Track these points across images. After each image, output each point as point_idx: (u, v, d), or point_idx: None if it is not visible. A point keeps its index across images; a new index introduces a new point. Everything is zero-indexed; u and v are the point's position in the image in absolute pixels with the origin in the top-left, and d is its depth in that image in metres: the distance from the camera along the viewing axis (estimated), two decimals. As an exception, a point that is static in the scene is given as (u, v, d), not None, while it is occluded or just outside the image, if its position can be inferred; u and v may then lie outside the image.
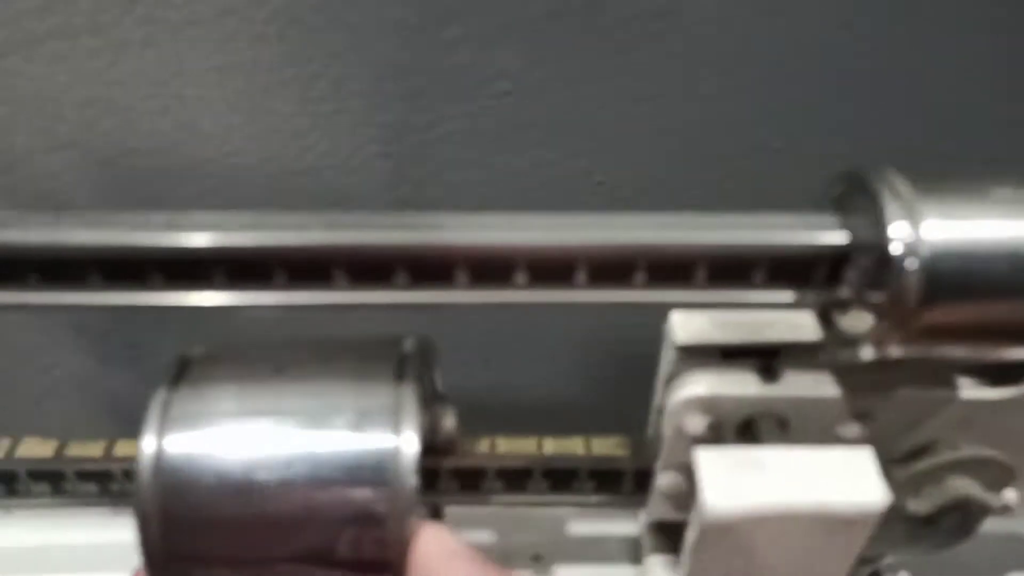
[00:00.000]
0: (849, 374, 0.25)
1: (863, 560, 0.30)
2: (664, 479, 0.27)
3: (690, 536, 0.24)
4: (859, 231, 0.21)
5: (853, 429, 0.25)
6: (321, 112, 0.35)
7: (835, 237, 0.21)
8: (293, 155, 0.36)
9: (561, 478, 0.28)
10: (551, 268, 0.21)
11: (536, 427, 0.28)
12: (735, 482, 0.23)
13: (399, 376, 0.23)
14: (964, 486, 0.25)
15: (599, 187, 0.35)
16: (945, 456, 0.25)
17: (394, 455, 0.21)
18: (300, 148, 0.36)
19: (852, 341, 0.22)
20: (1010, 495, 0.26)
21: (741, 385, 0.25)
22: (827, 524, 0.23)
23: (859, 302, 0.22)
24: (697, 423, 0.25)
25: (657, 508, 0.28)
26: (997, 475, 0.25)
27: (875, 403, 0.25)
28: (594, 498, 0.28)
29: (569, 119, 0.34)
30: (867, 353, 0.21)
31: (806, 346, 0.26)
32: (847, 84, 0.33)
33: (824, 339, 0.25)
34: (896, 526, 0.26)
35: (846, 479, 0.23)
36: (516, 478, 0.28)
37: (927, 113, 0.33)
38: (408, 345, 0.24)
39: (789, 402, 0.25)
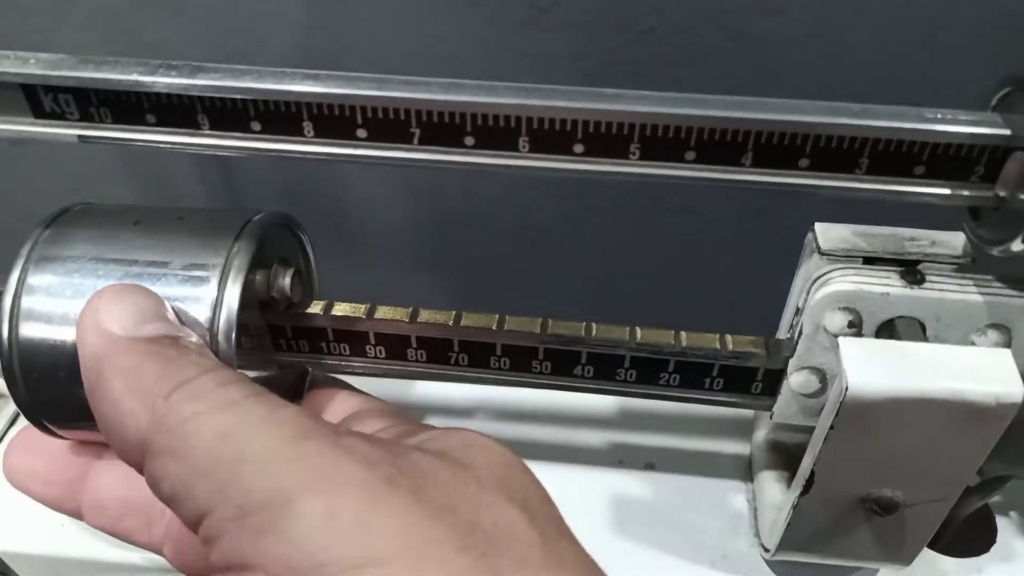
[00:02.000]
0: (990, 285, 0.26)
1: (980, 488, 0.31)
2: (797, 378, 0.28)
3: (825, 422, 0.26)
4: (1020, 127, 0.22)
5: (990, 339, 0.26)
6: (473, 37, 0.37)
7: (996, 131, 0.22)
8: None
9: (694, 372, 0.29)
10: (722, 147, 0.23)
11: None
12: (876, 366, 0.24)
13: (237, 237, 0.26)
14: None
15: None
16: (1082, 369, 0.26)
17: (212, 304, 0.24)
18: (451, 72, 0.38)
19: (1003, 239, 0.23)
20: None
21: (885, 284, 0.26)
22: (962, 413, 0.24)
23: (1013, 201, 0.23)
24: (838, 320, 0.26)
25: (785, 409, 0.29)
26: None
27: (1013, 314, 0.26)
28: (723, 396, 0.30)
29: None
30: (1016, 246, 0.23)
31: (948, 260, 0.27)
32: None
33: (970, 250, 0.26)
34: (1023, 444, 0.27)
35: (985, 372, 0.24)
36: (650, 369, 0.29)
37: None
38: (261, 215, 0.27)
39: (931, 304, 0.26)
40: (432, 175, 0.38)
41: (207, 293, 0.25)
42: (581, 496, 0.35)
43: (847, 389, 0.24)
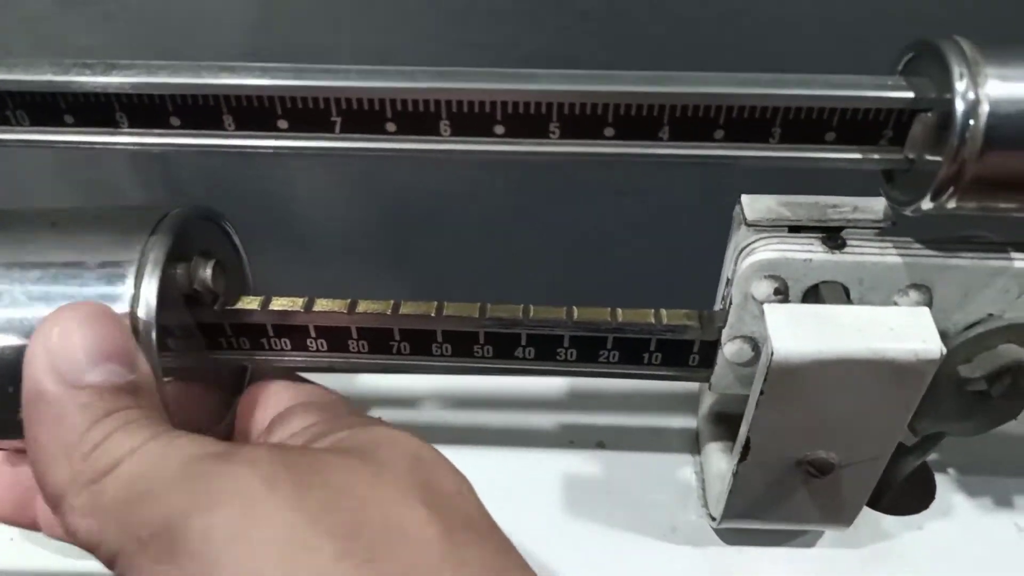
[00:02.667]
0: (910, 246, 0.27)
1: (916, 447, 0.32)
2: (731, 348, 0.29)
3: (755, 387, 0.26)
4: (924, 90, 0.23)
5: (912, 298, 0.27)
6: (415, 29, 0.37)
7: (901, 95, 0.23)
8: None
9: (632, 348, 0.30)
10: (637, 122, 0.23)
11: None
12: (801, 331, 0.25)
13: (153, 232, 0.26)
14: (1015, 351, 0.26)
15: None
16: (998, 323, 0.27)
17: (130, 300, 0.25)
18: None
19: (913, 200, 0.24)
20: (1061, 366, 0.27)
21: (807, 251, 0.27)
22: (886, 372, 0.25)
23: (921, 162, 0.23)
24: (764, 288, 0.27)
25: (721, 380, 0.30)
26: (1049, 344, 0.27)
27: (933, 273, 0.27)
28: (662, 370, 0.30)
29: None
30: (926, 204, 0.23)
31: (869, 225, 0.28)
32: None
33: (891, 214, 0.27)
34: (950, 400, 0.28)
35: (904, 331, 0.25)
36: (589, 348, 0.30)
37: None
38: (178, 209, 0.27)
39: (852, 267, 0.26)
40: (369, 164, 0.38)
41: (124, 291, 0.25)
42: (533, 478, 0.35)
43: (773, 354, 0.24)
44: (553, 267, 0.46)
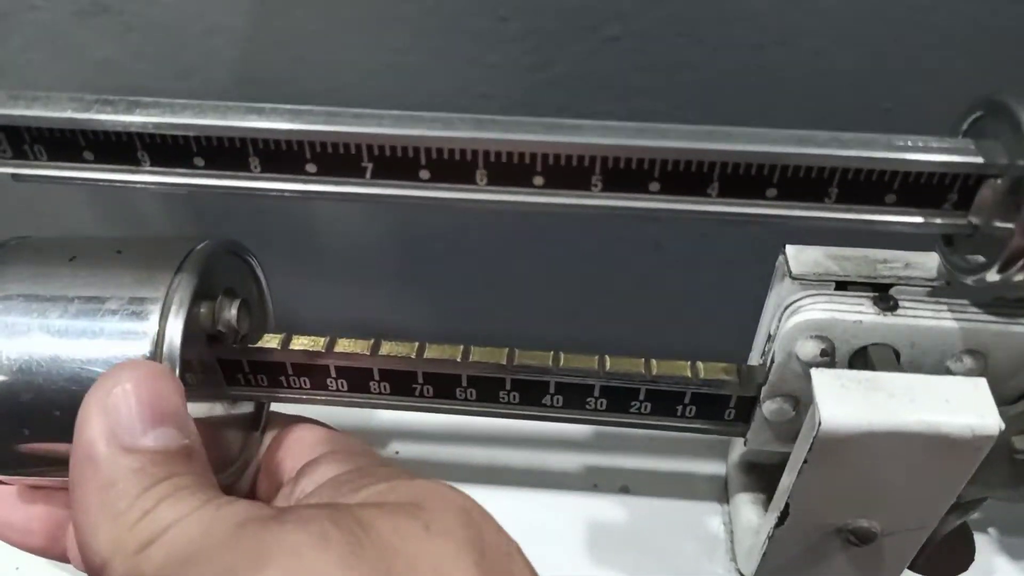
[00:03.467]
0: (965, 310, 0.25)
1: (958, 507, 0.31)
2: (770, 406, 0.27)
3: (799, 454, 0.25)
4: (993, 154, 0.21)
5: (965, 364, 0.26)
6: (432, 48, 0.36)
7: (968, 159, 0.21)
8: (402, 92, 0.37)
9: (666, 400, 0.28)
10: (688, 178, 0.22)
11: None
12: (850, 399, 0.23)
13: (179, 269, 0.25)
14: (1076, 426, 0.25)
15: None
16: (1058, 395, 0.25)
17: (154, 339, 0.24)
18: (409, 85, 0.37)
19: (977, 268, 0.23)
20: (1123, 441, 0.26)
21: (858, 312, 0.25)
22: (938, 446, 0.23)
23: (987, 228, 0.22)
24: (810, 348, 0.26)
25: (758, 436, 0.29)
26: (1111, 418, 0.25)
27: (989, 340, 0.25)
28: (696, 423, 0.29)
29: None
30: (992, 276, 0.22)
31: (921, 283, 0.26)
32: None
33: (944, 272, 0.26)
34: (1001, 467, 0.27)
35: (960, 403, 0.23)
36: (621, 398, 0.29)
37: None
38: (203, 244, 0.27)
39: (905, 331, 0.25)
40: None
41: (148, 328, 0.24)
42: (556, 521, 0.34)
43: (820, 424, 0.23)
44: (582, 305, 0.44)
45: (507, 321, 0.41)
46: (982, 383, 0.24)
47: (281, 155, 0.22)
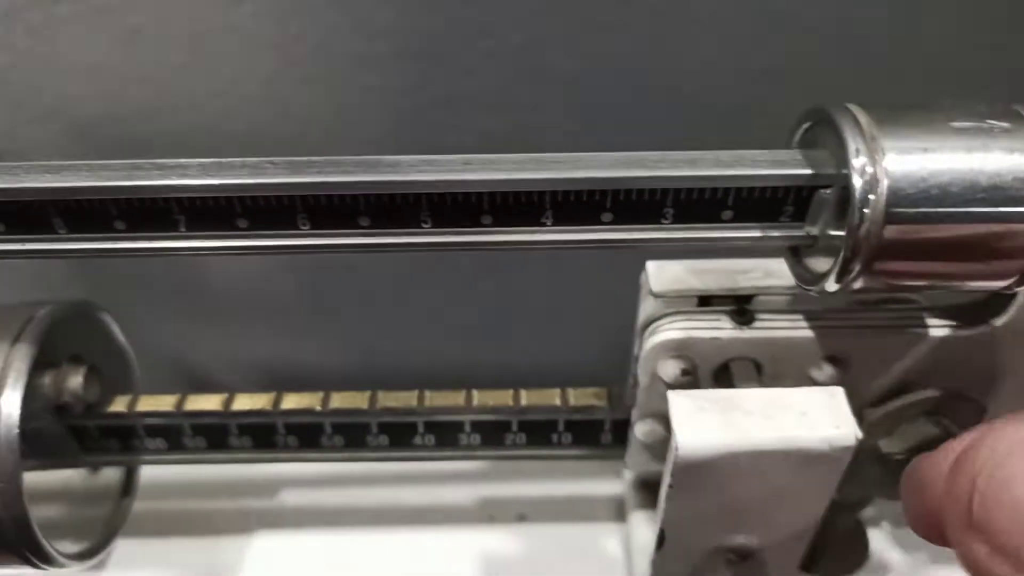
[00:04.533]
0: (822, 317, 0.25)
1: (846, 506, 0.31)
2: (641, 428, 0.27)
3: (665, 479, 0.24)
4: (821, 164, 0.21)
5: (826, 372, 0.25)
6: (303, 73, 0.35)
7: (798, 172, 0.21)
8: (271, 121, 0.36)
9: (539, 431, 0.28)
10: (519, 208, 0.21)
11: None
12: (707, 422, 0.23)
13: (16, 340, 0.24)
14: (936, 424, 0.25)
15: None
16: (917, 395, 0.25)
17: None
18: (280, 113, 0.36)
19: (819, 278, 0.22)
20: (984, 435, 0.26)
21: (714, 328, 0.25)
22: (798, 461, 0.23)
23: (824, 237, 0.22)
24: (671, 368, 0.25)
25: (636, 459, 0.28)
26: (969, 414, 0.25)
27: (848, 345, 0.25)
28: (573, 450, 0.28)
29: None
30: (831, 286, 0.22)
31: (780, 292, 0.26)
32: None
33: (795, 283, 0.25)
34: (873, 468, 0.27)
35: (817, 416, 0.23)
36: (494, 431, 0.28)
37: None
38: (45, 309, 0.25)
39: (762, 344, 0.25)
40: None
41: None
42: (450, 558, 0.33)
43: (677, 450, 0.23)
44: (452, 340, 0.43)
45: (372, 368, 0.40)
46: (839, 392, 0.24)
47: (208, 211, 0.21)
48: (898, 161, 0.20)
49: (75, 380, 0.26)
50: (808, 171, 0.21)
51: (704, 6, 0.32)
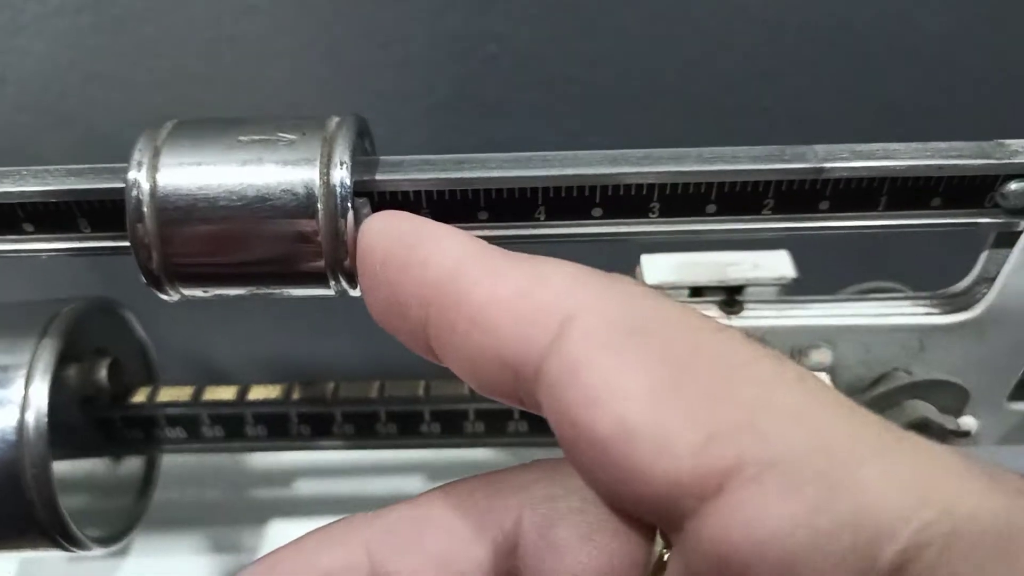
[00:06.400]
0: (809, 305, 0.26)
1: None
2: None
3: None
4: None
5: (813, 359, 0.26)
6: (315, 80, 0.36)
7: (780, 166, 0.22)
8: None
9: (540, 418, 0.29)
10: (513, 204, 0.22)
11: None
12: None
13: (43, 334, 0.25)
14: (920, 408, 0.26)
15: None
16: (901, 381, 0.26)
17: (20, 406, 0.24)
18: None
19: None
20: (967, 420, 0.27)
21: (703, 317, 0.26)
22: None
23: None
24: (663, 356, 0.26)
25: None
26: (953, 399, 0.26)
27: (833, 333, 0.26)
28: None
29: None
30: None
31: (769, 283, 0.27)
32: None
33: (790, 268, 0.26)
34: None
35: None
36: (495, 420, 0.29)
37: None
38: (71, 305, 0.27)
39: (750, 332, 0.26)
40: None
41: (13, 396, 0.24)
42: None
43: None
44: None
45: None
46: (824, 379, 0.25)
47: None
48: (174, 173, 0.20)
49: (99, 373, 0.27)
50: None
51: (704, 7, 0.33)
